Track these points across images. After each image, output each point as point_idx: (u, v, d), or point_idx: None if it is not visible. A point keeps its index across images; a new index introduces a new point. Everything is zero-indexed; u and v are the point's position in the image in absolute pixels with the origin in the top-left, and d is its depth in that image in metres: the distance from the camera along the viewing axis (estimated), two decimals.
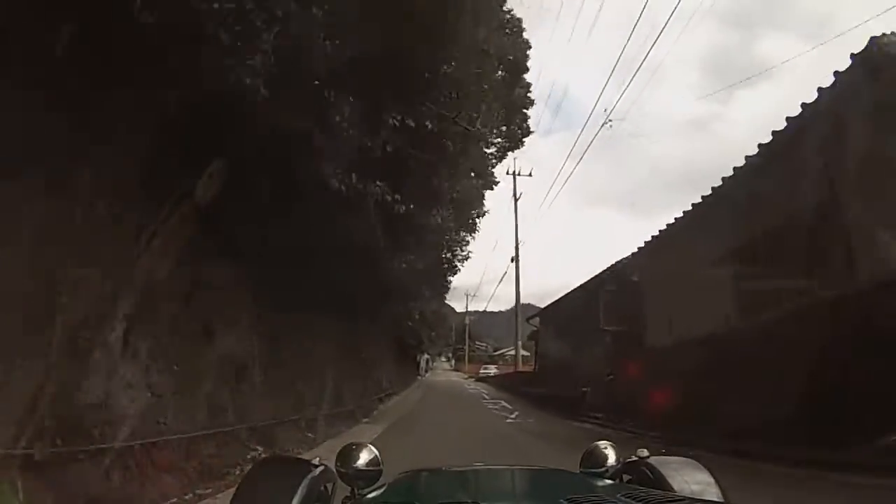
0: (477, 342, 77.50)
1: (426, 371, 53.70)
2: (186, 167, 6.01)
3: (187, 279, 6.40)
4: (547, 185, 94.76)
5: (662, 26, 25.67)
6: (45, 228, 4.39)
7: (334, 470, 1.53)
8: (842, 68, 6.70)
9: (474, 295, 60.95)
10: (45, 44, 4.37)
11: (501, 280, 69.84)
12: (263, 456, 6.39)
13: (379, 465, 1.57)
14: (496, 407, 21.35)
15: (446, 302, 37.34)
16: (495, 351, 71.34)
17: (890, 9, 8.19)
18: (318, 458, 1.49)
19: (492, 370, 48.55)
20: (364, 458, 1.55)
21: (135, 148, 5.23)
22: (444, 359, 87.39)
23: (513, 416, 17.80)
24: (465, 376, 55.39)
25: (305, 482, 1.33)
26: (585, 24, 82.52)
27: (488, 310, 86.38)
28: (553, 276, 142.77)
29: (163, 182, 5.66)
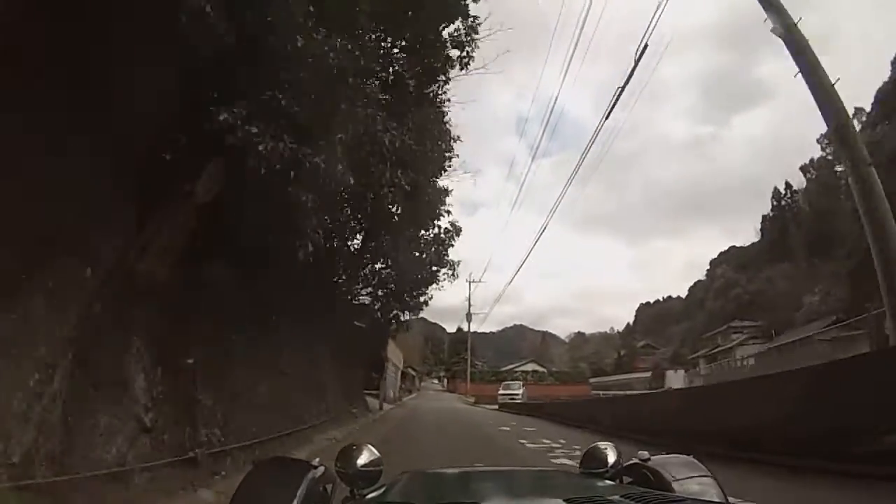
0: (476, 361, 63.54)
1: (401, 392, 36.41)
2: None
3: None
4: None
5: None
6: None
7: (334, 470, 1.47)
8: None
9: (479, 280, 47.22)
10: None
11: (498, 299, 55.39)
12: None
13: (379, 465, 1.51)
14: None
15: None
16: (502, 368, 57.48)
17: None
18: (317, 459, 1.46)
19: (517, 390, 30.92)
20: (364, 458, 1.49)
21: None
22: (434, 380, 74.39)
23: None
24: (470, 400, 37.95)
25: (305, 483, 1.29)
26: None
27: (479, 330, 74.72)
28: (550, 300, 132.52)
29: None
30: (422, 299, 17.73)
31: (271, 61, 5.07)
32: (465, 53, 10.73)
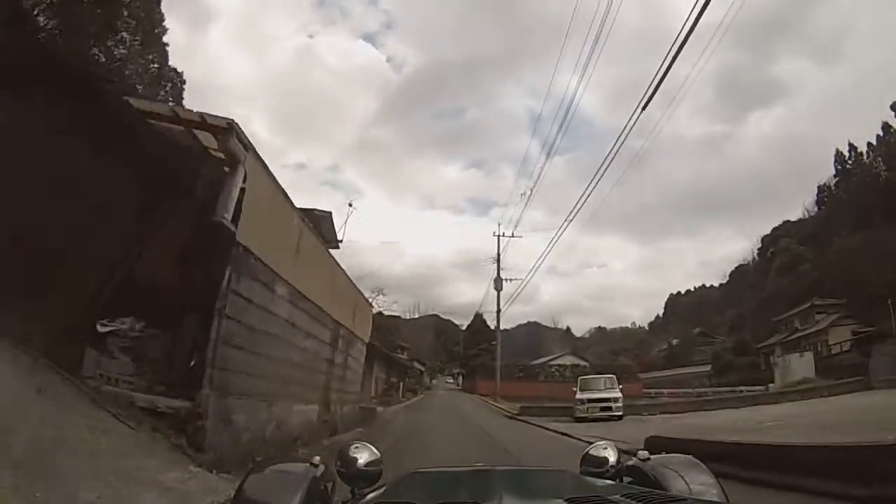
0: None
1: (385, 395, 26.43)
2: None
3: None
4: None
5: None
6: None
7: (334, 470, 1.45)
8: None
9: (512, 235, 35.24)
10: None
11: (515, 296, 42.20)
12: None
13: (379, 465, 1.48)
14: None
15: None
16: (533, 362, 45.69)
17: None
18: (318, 458, 1.38)
19: (610, 391, 16.71)
20: (364, 458, 1.46)
21: None
22: (448, 377, 63.95)
23: None
24: (508, 409, 23.46)
25: (305, 482, 1.26)
26: None
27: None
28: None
29: None
30: None
31: None
32: None
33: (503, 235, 35.29)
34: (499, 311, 34.75)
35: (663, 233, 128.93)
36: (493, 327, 42.49)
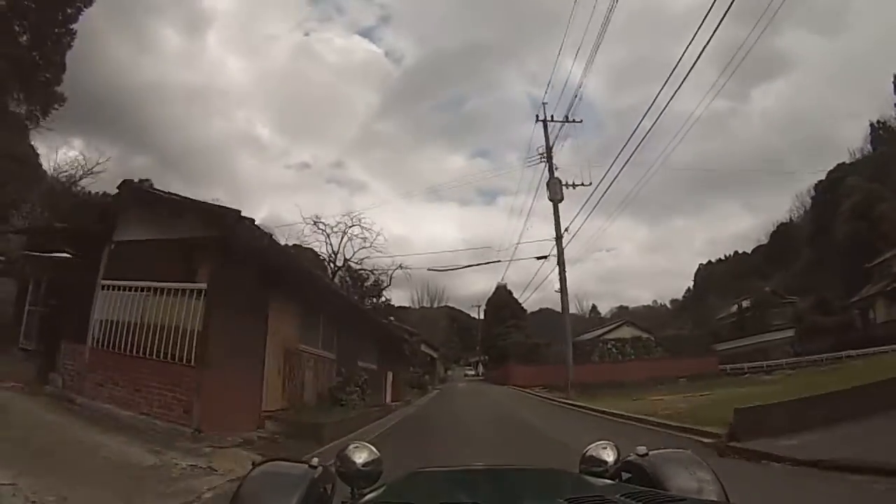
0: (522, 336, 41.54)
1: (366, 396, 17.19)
2: None
3: None
4: None
5: None
6: None
7: (334, 470, 1.39)
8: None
9: (568, 120, 24.09)
10: None
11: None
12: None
13: (379, 465, 1.43)
14: None
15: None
16: (581, 337, 35.47)
17: None
18: (316, 459, 1.35)
19: None
20: (364, 458, 1.41)
21: None
22: (468, 368, 55.79)
23: None
24: (682, 433, 9.24)
25: (305, 483, 1.21)
26: None
27: None
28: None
29: None
30: None
31: None
32: None
33: (551, 120, 24.52)
34: (559, 237, 23.07)
35: (670, 210, 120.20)
36: (519, 301, 32.27)
